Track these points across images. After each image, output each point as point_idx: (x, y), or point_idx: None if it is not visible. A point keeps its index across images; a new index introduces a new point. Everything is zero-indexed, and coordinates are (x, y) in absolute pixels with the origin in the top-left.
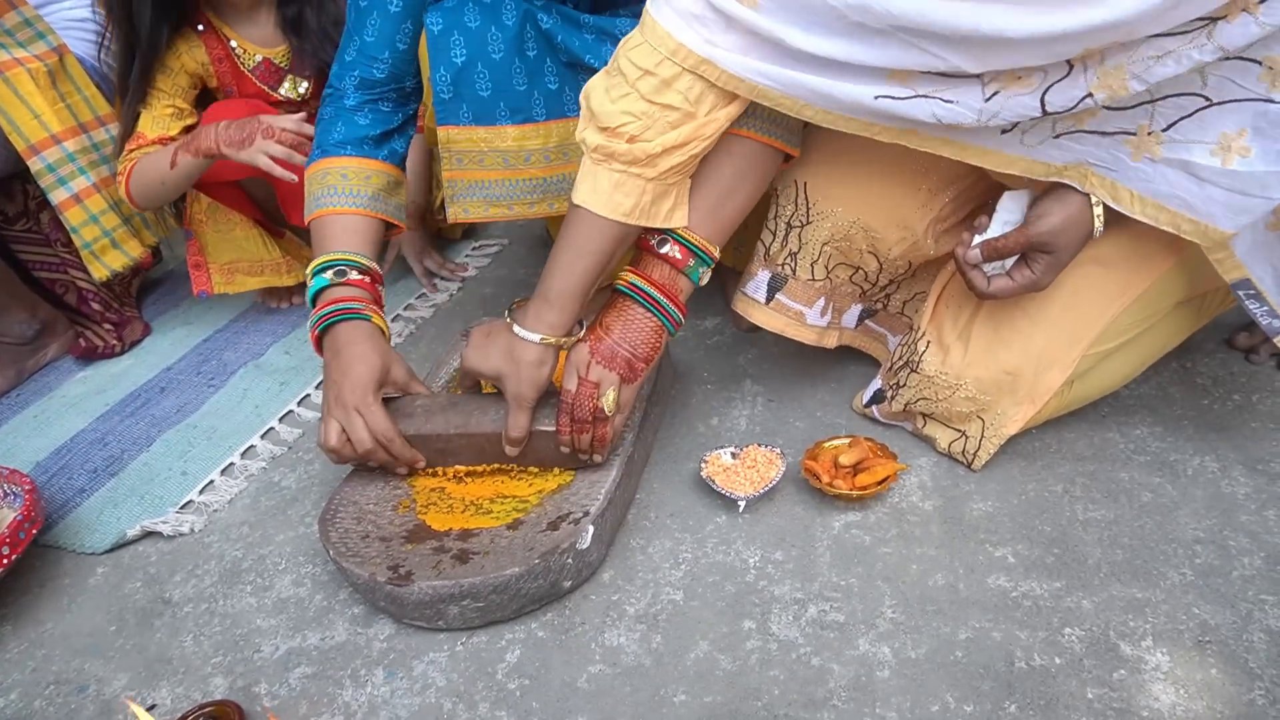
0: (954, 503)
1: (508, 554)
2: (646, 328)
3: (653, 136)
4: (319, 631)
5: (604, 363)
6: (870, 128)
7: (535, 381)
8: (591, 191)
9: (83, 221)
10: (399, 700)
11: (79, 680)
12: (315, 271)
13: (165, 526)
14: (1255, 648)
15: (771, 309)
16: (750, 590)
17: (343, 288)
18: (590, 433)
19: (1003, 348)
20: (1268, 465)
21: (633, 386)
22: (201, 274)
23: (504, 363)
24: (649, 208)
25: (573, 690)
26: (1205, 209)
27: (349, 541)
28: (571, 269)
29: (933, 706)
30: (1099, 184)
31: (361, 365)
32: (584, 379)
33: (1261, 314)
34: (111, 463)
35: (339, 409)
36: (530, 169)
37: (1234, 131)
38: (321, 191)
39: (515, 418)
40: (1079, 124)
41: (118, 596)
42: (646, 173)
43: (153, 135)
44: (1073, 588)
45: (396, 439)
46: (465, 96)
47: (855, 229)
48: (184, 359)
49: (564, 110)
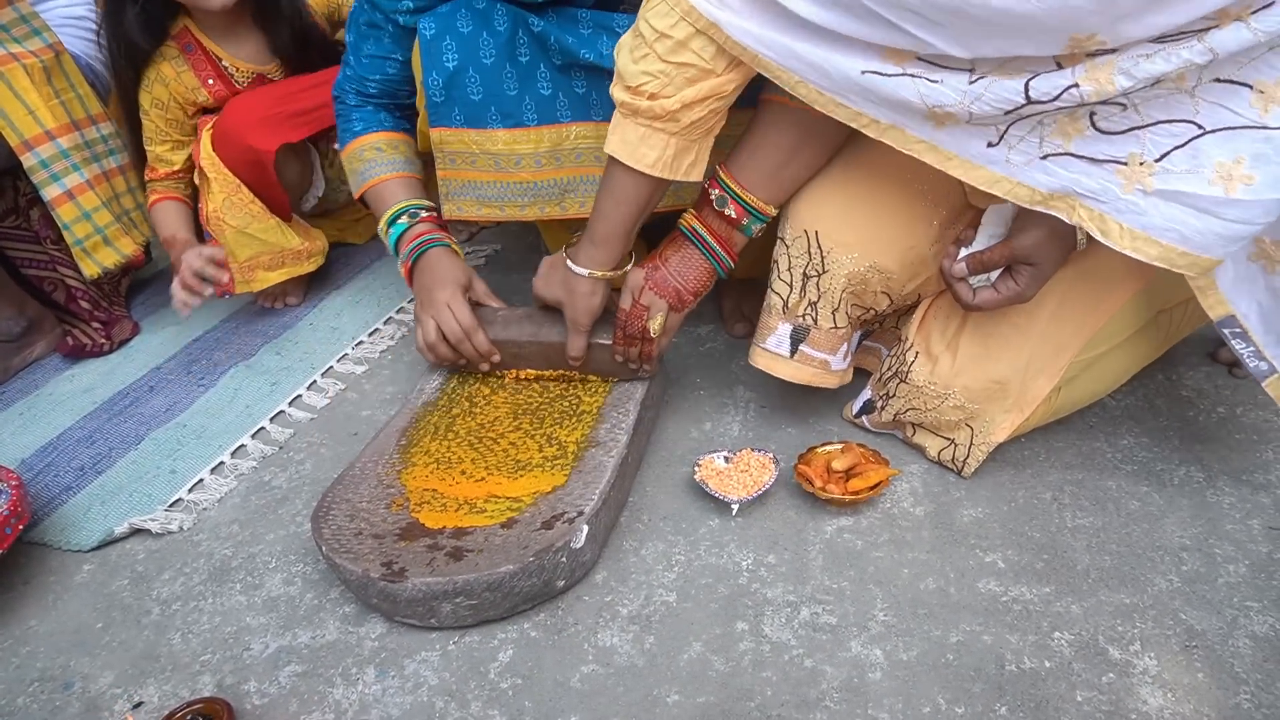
0: (945, 508)
1: (502, 552)
2: (699, 267)
3: (671, 93)
4: (310, 630)
5: (656, 289)
6: (859, 118)
7: (589, 310)
8: (621, 143)
9: (75, 218)
10: (390, 699)
11: (64, 677)
12: (391, 220)
13: (154, 524)
14: (1241, 653)
15: (798, 362)
16: (743, 592)
17: (419, 224)
18: (639, 347)
19: (990, 358)
20: (1251, 476)
21: (678, 314)
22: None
23: (562, 292)
24: (671, 161)
25: (566, 690)
26: (1201, 241)
27: (342, 538)
28: (612, 214)
29: (924, 708)
30: (1087, 216)
31: (449, 274)
32: (637, 301)
33: (1248, 355)
34: (99, 460)
35: (431, 307)
36: (520, 173)
37: (1230, 160)
38: (364, 166)
39: (574, 339)
40: (1067, 144)
41: (104, 594)
42: (670, 127)
43: (163, 171)
44: (1062, 593)
45: (479, 330)
46: (457, 100)
47: (871, 272)
48: (173, 358)
49: (556, 116)
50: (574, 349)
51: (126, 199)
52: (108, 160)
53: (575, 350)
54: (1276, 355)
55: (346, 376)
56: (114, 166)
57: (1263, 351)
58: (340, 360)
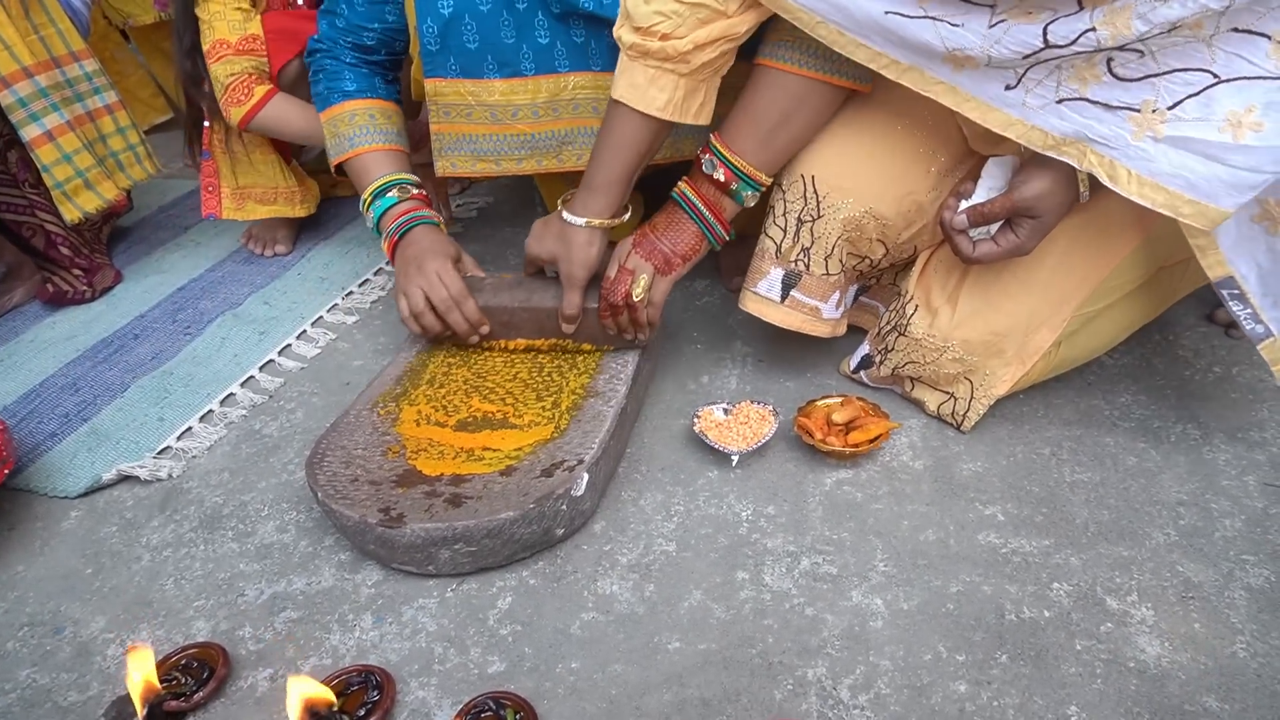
0: (944, 462)
1: (501, 499)
2: (688, 232)
3: (684, 34)
4: (304, 577)
5: (642, 254)
6: (878, 58)
7: (585, 261)
8: (629, 86)
9: (55, 160)
10: (388, 644)
11: (54, 622)
12: (378, 192)
13: (142, 471)
14: (1236, 604)
15: (788, 307)
16: (743, 543)
17: (409, 201)
18: (625, 314)
19: (991, 310)
20: (1247, 434)
21: (666, 279)
22: (213, 197)
23: (557, 245)
24: (681, 103)
25: (565, 637)
26: (1208, 188)
27: (337, 484)
28: (612, 161)
29: (925, 656)
30: (1098, 162)
31: (438, 246)
32: (622, 266)
33: (1245, 317)
34: (84, 408)
35: (420, 276)
36: (518, 124)
37: (1242, 109)
38: (354, 131)
39: (569, 296)
40: (1083, 89)
41: (93, 540)
42: (680, 69)
43: (235, 39)
44: (1061, 545)
45: (470, 300)
46: (452, 49)
47: (867, 218)
48: (158, 306)
49: (554, 65)
50: (569, 306)
51: (114, 140)
52: (92, 100)
53: (571, 308)
54: (1274, 318)
55: (337, 326)
56: (99, 106)
57: (1260, 314)
58: (330, 310)
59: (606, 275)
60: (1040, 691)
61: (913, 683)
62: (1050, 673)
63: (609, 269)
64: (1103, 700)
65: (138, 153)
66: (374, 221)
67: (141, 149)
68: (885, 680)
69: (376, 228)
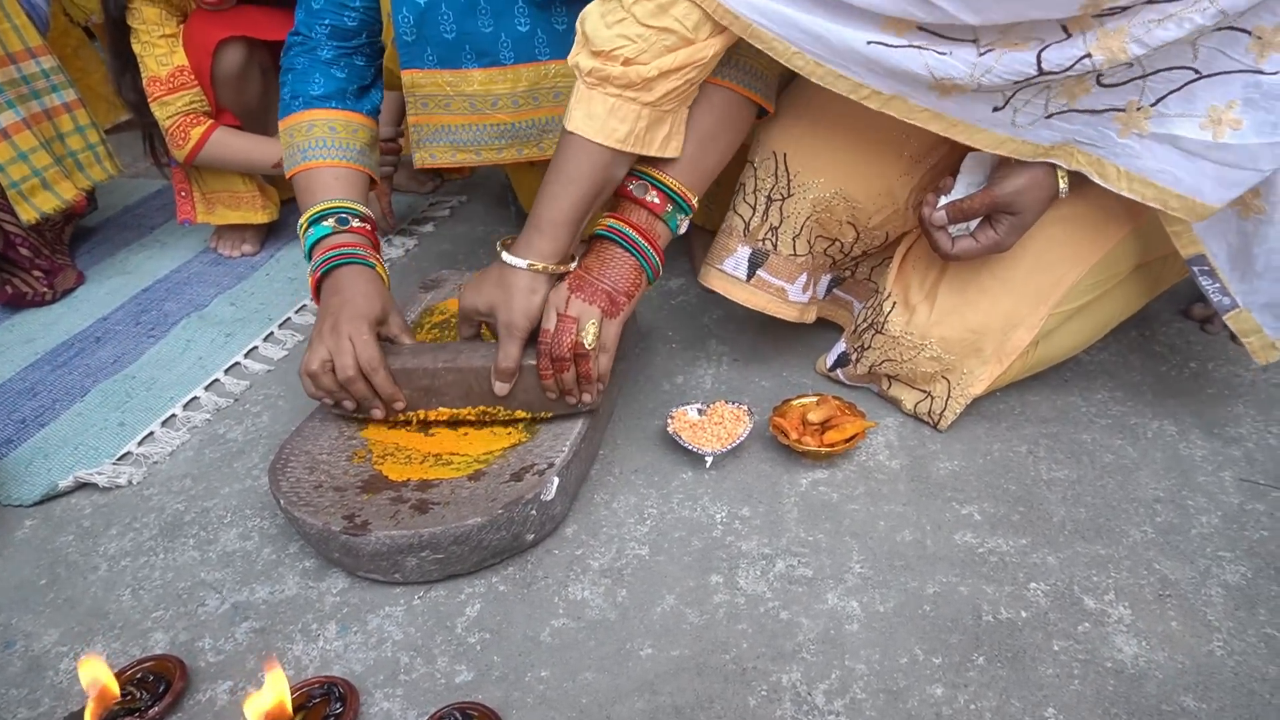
0: (920, 462)
1: (469, 504)
2: (626, 265)
3: (648, 60)
4: (267, 585)
5: (584, 297)
6: (859, 89)
7: (526, 310)
8: (586, 117)
9: (10, 159)
10: (353, 654)
11: (5, 635)
12: (314, 219)
13: (101, 478)
14: (1213, 601)
15: (753, 286)
16: (717, 545)
17: (345, 234)
18: (572, 370)
19: (969, 308)
20: (1223, 429)
21: (615, 321)
22: (186, 202)
23: (496, 293)
24: (644, 134)
25: (535, 644)
26: (1193, 182)
27: (301, 491)
28: (561, 197)
29: (901, 659)
30: (1086, 161)
31: (362, 301)
32: (563, 315)
33: (1213, 291)
34: (42, 413)
35: (331, 335)
36: (498, 114)
37: (1223, 105)
38: (309, 143)
39: (506, 348)
40: (1072, 102)
41: (48, 550)
42: (642, 97)
43: (164, 74)
44: (1038, 544)
45: (381, 369)
46: (429, 39)
47: (837, 199)
48: (121, 308)
49: (534, 54)
50: (505, 359)
51: (72, 139)
52: (49, 98)
53: (507, 361)
54: (1240, 291)
55: (305, 328)
56: (57, 104)
57: (1227, 288)
58: (299, 311)
59: (544, 329)
60: (1018, 693)
61: (889, 687)
62: (1028, 674)
63: (546, 319)
64: (1080, 701)
65: (98, 152)
66: (305, 250)
67: (102, 149)
68: (861, 685)
69: (308, 255)
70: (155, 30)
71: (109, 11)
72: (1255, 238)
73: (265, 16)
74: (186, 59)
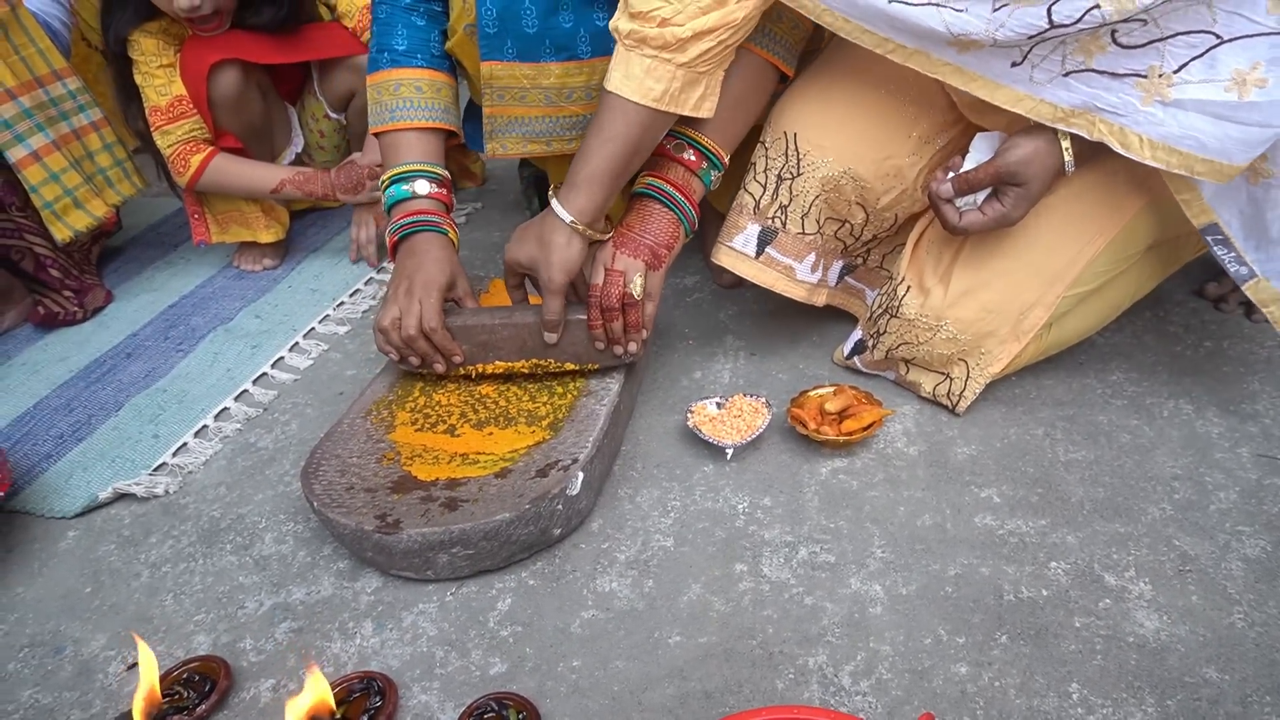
0: (938, 447)
1: (497, 501)
2: (665, 220)
3: (683, 20)
4: (304, 587)
5: (629, 252)
6: (884, 43)
7: (564, 264)
8: (624, 78)
9: (42, 180)
10: (390, 650)
11: (55, 642)
12: (395, 179)
13: (138, 488)
14: (1234, 575)
15: (762, 263)
16: (740, 535)
17: (425, 200)
18: (619, 320)
19: (984, 288)
20: (1239, 406)
21: (658, 273)
22: (200, 223)
23: (536, 248)
24: (678, 94)
25: (566, 635)
26: (1219, 146)
27: (333, 493)
28: (598, 154)
29: (925, 639)
30: (1108, 131)
31: (435, 267)
32: (610, 268)
33: (1229, 260)
34: (78, 428)
35: (405, 297)
36: (572, 105)
37: (1247, 67)
38: (396, 103)
39: (549, 301)
40: (1089, 60)
41: (91, 559)
42: (677, 58)
43: (164, 103)
44: (1057, 524)
45: (440, 329)
46: (511, 32)
47: (845, 179)
48: (150, 324)
49: (610, 47)
50: (550, 312)
51: (101, 157)
52: (77, 118)
53: (551, 314)
54: (1256, 260)
55: (329, 337)
56: (85, 124)
57: (1243, 256)
58: (322, 321)
59: (593, 283)
60: (1041, 670)
61: (914, 666)
62: (1050, 651)
63: (594, 275)
64: (1103, 676)
65: (125, 168)
66: (385, 208)
67: (129, 164)
68: (886, 665)
69: (387, 213)
70: (154, 61)
71: (110, 47)
72: (1266, 203)
73: (257, 41)
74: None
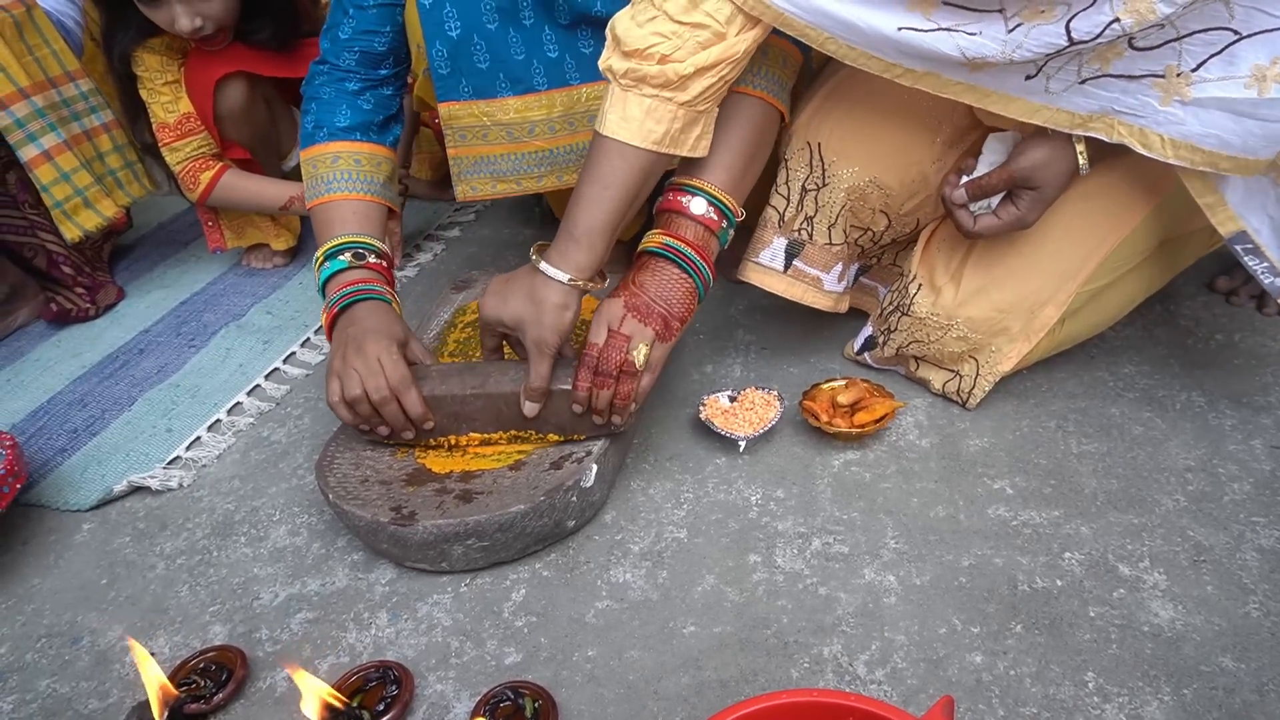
0: (950, 439)
1: (512, 493)
2: (682, 288)
3: (684, 57)
4: (318, 578)
5: (640, 317)
6: (892, 68)
7: (558, 326)
8: (621, 120)
9: (53, 180)
10: (405, 640)
11: (72, 633)
12: (330, 253)
13: (153, 481)
14: (1249, 565)
15: (790, 277)
16: (754, 526)
17: (361, 270)
18: (611, 389)
19: (995, 287)
20: (1252, 398)
21: (665, 346)
22: (215, 231)
23: (525, 306)
24: (678, 135)
25: (581, 625)
26: (1242, 144)
27: (348, 485)
28: (598, 204)
29: (940, 629)
30: (1127, 132)
31: (383, 327)
32: (615, 332)
33: (1261, 270)
34: (92, 422)
35: (358, 358)
36: (535, 141)
37: (1267, 62)
38: (333, 175)
39: (536, 366)
40: (1105, 67)
41: (106, 551)
42: (679, 96)
43: (172, 120)
44: (1070, 516)
45: (413, 389)
46: (463, 70)
47: (871, 187)
48: (162, 321)
49: (565, 79)
50: (536, 378)
51: (111, 158)
52: (88, 119)
53: (538, 380)
54: None
55: None
56: (96, 125)
57: (1276, 266)
58: None
59: (592, 342)
60: (1056, 659)
61: (928, 656)
62: (1065, 640)
63: (594, 333)
64: (1119, 665)
65: (135, 170)
66: (319, 285)
67: (139, 165)
68: (901, 654)
69: (321, 291)
70: (158, 77)
71: (114, 65)
72: None
73: (260, 55)
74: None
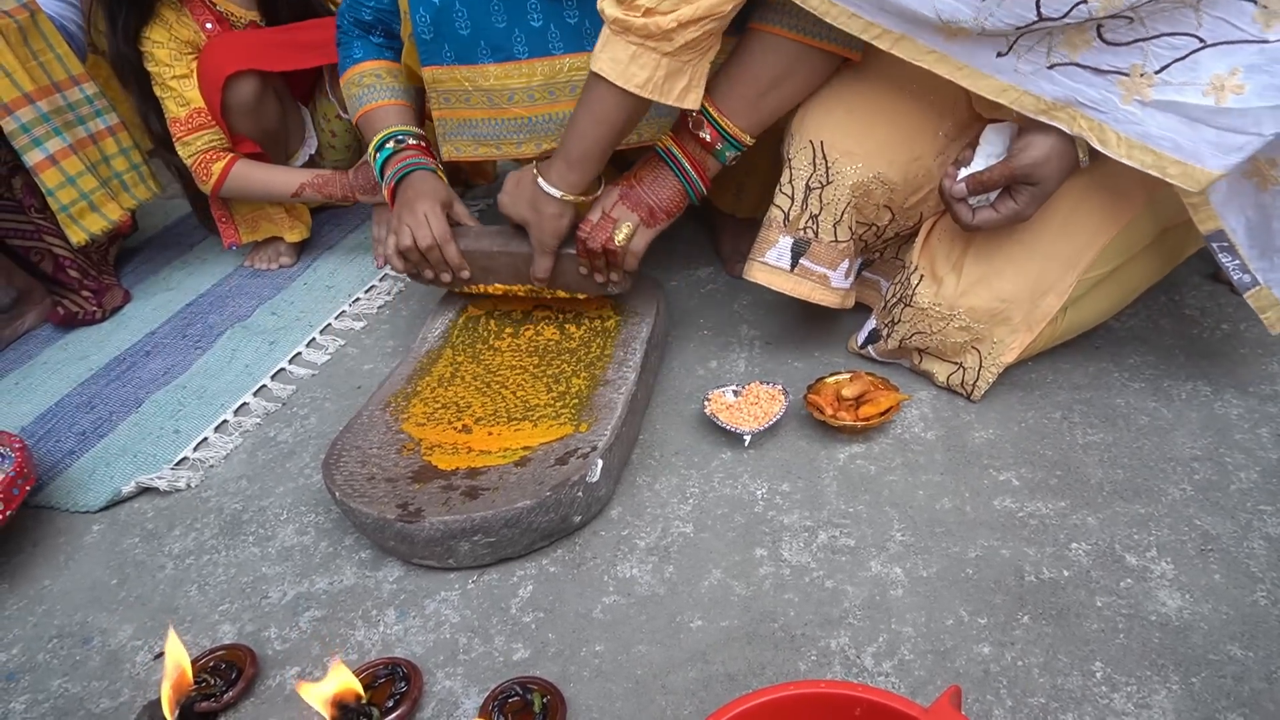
0: (955, 432)
1: (518, 489)
2: (672, 187)
3: (668, 9)
4: (326, 576)
5: (629, 204)
6: (871, 28)
7: (556, 231)
8: (610, 60)
9: (59, 184)
10: (413, 637)
11: (83, 633)
12: (379, 144)
13: (161, 482)
14: (1256, 553)
15: (797, 275)
16: (760, 520)
17: (408, 150)
18: (603, 260)
19: (996, 276)
20: (1258, 387)
21: (649, 231)
22: (229, 226)
23: (528, 212)
24: (662, 84)
25: (588, 621)
26: (1193, 149)
27: (355, 483)
28: (589, 135)
29: (947, 620)
30: (1087, 126)
31: (432, 190)
32: (607, 214)
33: (1233, 268)
34: (100, 424)
35: (410, 215)
36: (514, 108)
37: (1226, 72)
38: (363, 92)
39: (538, 261)
40: (1074, 55)
41: (116, 552)
42: (663, 47)
43: (184, 114)
44: (1077, 506)
45: (452, 243)
46: (446, 36)
47: (875, 183)
48: (168, 323)
49: (548, 48)
50: (539, 270)
51: (117, 161)
52: (94, 122)
53: (540, 271)
54: (1260, 268)
55: (345, 333)
56: (101, 128)
57: (1247, 265)
58: (338, 317)
59: (588, 219)
60: (1064, 649)
61: (936, 647)
62: (1073, 630)
63: (591, 213)
64: (1126, 654)
65: (141, 173)
66: (377, 171)
67: (145, 169)
68: (908, 646)
69: (381, 177)
70: (168, 72)
71: (129, 59)
72: (1274, 210)
73: (275, 47)
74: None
